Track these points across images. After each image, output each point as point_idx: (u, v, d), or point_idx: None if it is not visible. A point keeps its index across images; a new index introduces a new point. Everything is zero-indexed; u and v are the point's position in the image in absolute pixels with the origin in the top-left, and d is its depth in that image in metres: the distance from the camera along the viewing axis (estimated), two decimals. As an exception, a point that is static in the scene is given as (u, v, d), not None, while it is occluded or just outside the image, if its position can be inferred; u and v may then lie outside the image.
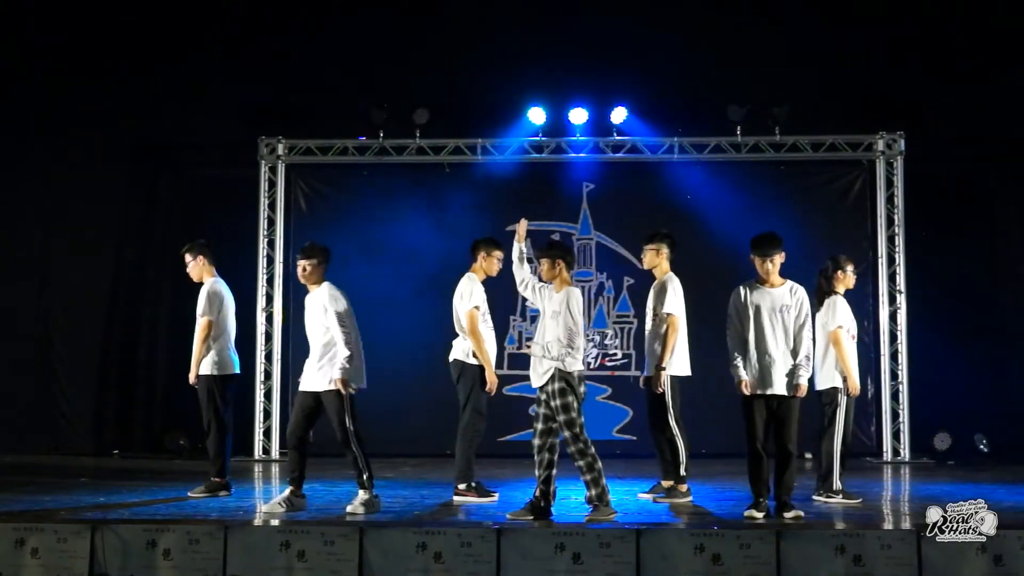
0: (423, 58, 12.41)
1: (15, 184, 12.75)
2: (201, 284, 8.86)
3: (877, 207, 12.19)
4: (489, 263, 8.51)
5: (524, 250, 7.87)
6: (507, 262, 8.46)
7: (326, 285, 7.74)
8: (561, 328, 7.20)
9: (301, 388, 7.80)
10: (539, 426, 7.29)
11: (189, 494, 8.43)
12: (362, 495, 7.55)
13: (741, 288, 7.49)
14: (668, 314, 8.33)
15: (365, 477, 7.58)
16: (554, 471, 7.27)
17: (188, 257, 8.87)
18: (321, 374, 7.66)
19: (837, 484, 8.14)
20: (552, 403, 7.19)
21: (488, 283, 8.53)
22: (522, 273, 7.77)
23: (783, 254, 7.50)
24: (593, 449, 7.21)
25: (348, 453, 7.66)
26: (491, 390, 8.32)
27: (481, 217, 12.02)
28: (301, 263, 7.76)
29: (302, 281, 7.85)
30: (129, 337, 12.80)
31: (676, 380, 8.38)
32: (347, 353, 7.52)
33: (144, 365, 12.82)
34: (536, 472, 7.28)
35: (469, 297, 8.31)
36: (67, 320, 12.64)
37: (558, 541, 6.47)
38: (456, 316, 8.40)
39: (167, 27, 12.59)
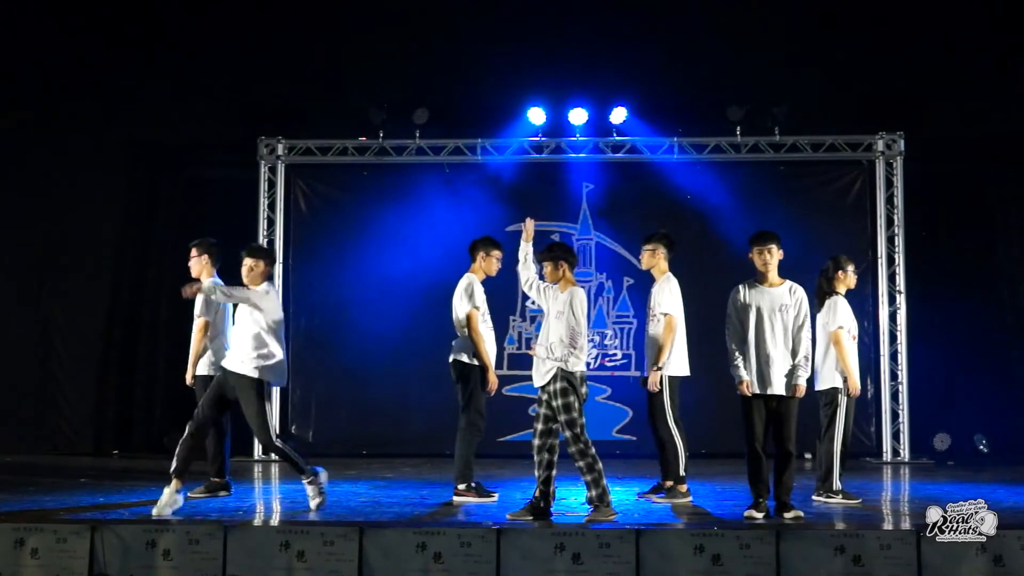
0: (423, 58, 12.41)
1: (15, 184, 12.73)
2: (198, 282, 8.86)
3: (877, 207, 12.19)
4: (488, 263, 8.51)
5: (531, 251, 7.85)
6: (507, 261, 8.46)
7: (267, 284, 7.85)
8: (564, 328, 7.20)
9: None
10: (539, 426, 7.29)
11: (189, 494, 8.42)
12: (309, 486, 7.58)
13: (740, 287, 7.49)
14: (665, 314, 8.33)
15: (303, 464, 7.59)
16: (554, 471, 7.27)
17: (195, 252, 8.87)
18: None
19: (837, 484, 8.14)
20: (554, 403, 7.19)
21: (488, 283, 8.53)
22: (527, 273, 7.76)
23: (781, 251, 7.52)
24: (594, 450, 7.21)
25: (273, 451, 7.67)
26: (491, 390, 8.32)
27: (481, 217, 12.02)
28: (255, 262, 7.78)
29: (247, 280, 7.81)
30: (129, 337, 12.80)
31: (675, 380, 8.38)
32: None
33: (144, 365, 12.82)
34: (536, 472, 7.28)
35: (469, 297, 8.30)
36: (67, 320, 12.63)
37: (558, 541, 6.47)
38: (456, 316, 8.39)
39: (167, 27, 12.60)
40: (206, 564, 6.50)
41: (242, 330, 7.67)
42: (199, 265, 8.88)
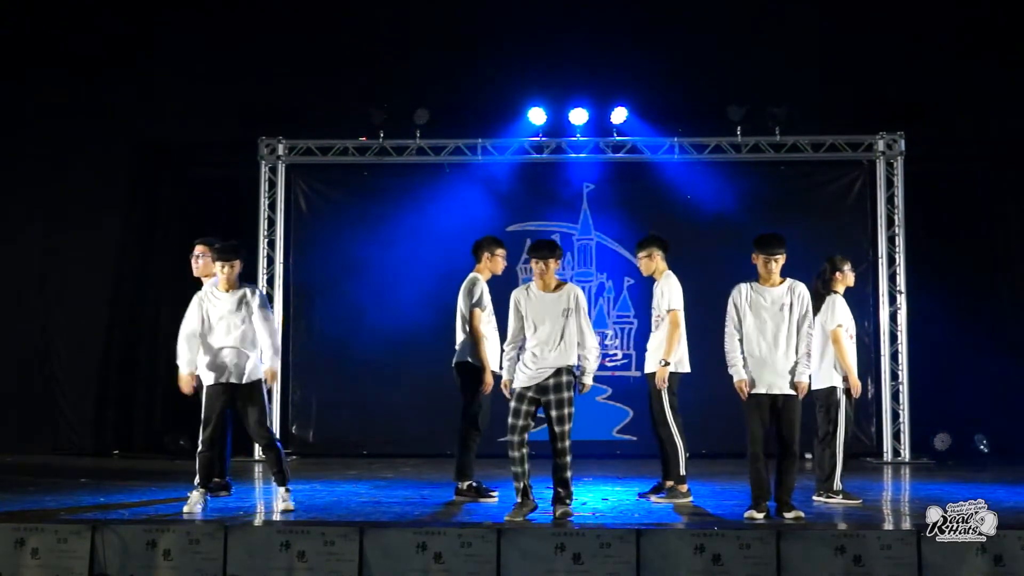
0: (423, 58, 12.41)
1: (15, 184, 12.74)
2: (200, 282, 8.82)
3: (877, 207, 12.19)
4: (494, 262, 8.49)
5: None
6: (510, 261, 8.44)
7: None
8: (585, 323, 7.24)
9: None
10: (529, 424, 7.25)
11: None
12: (284, 492, 7.61)
13: (741, 286, 7.46)
14: (670, 310, 8.32)
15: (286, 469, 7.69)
16: None
17: (198, 251, 8.84)
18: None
19: (837, 484, 8.14)
20: (562, 408, 7.15)
21: (491, 283, 8.51)
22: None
23: (785, 255, 7.51)
24: None
25: (273, 452, 7.62)
26: (486, 390, 8.29)
27: (481, 217, 12.02)
28: (233, 263, 7.71)
29: (227, 281, 7.70)
30: (129, 337, 12.80)
31: (676, 376, 8.34)
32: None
33: (144, 365, 12.82)
34: (521, 468, 7.21)
35: (474, 297, 8.28)
36: (67, 320, 12.63)
37: (558, 541, 6.47)
38: (460, 316, 8.38)
39: (167, 27, 12.60)
40: (206, 564, 6.51)
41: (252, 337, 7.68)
42: (208, 266, 8.82)
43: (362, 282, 12.34)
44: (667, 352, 8.27)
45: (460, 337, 8.38)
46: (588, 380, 7.35)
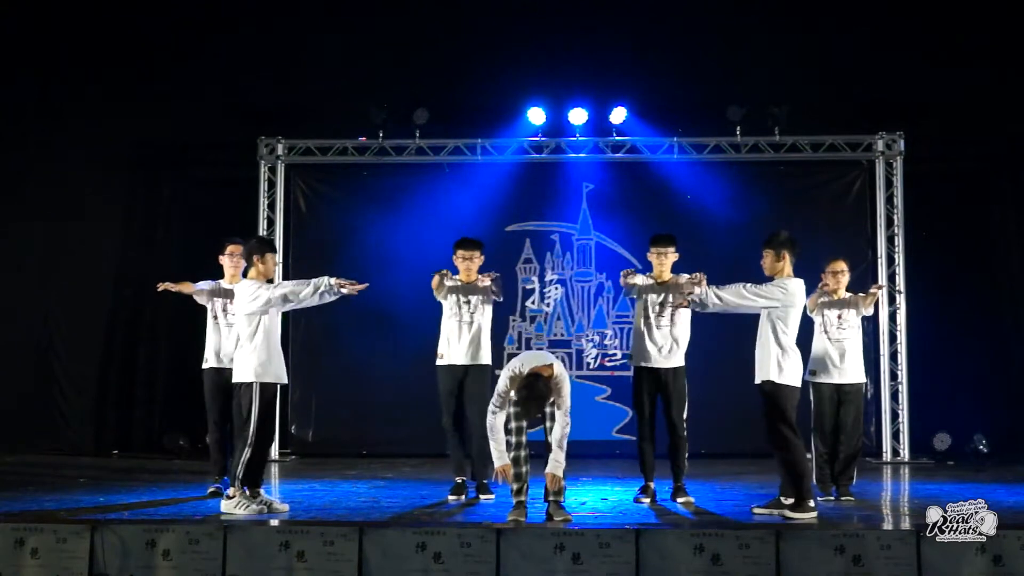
0: (423, 58, 12.41)
1: (15, 184, 12.74)
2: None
3: (877, 207, 12.19)
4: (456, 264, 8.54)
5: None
6: (504, 260, 8.47)
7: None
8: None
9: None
10: (537, 425, 7.26)
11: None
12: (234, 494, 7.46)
13: None
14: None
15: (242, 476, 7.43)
16: None
17: (230, 250, 8.78)
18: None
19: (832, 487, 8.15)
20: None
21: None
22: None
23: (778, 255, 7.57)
24: None
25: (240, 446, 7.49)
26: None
27: (480, 217, 12.01)
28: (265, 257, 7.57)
29: (264, 278, 7.58)
30: (129, 337, 12.79)
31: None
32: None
33: (144, 365, 12.80)
34: (524, 468, 7.20)
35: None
36: (67, 320, 12.63)
37: (558, 541, 6.46)
38: None
39: (167, 27, 12.60)
40: (206, 564, 6.50)
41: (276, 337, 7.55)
42: (236, 265, 8.76)
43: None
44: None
45: None
46: None
